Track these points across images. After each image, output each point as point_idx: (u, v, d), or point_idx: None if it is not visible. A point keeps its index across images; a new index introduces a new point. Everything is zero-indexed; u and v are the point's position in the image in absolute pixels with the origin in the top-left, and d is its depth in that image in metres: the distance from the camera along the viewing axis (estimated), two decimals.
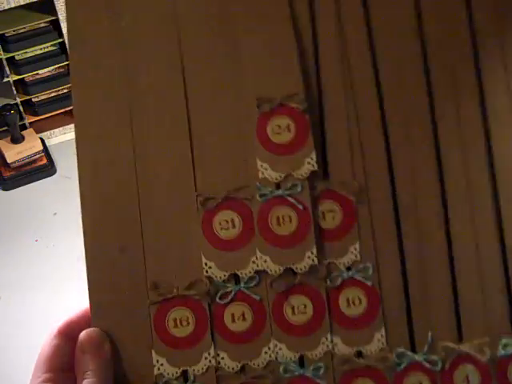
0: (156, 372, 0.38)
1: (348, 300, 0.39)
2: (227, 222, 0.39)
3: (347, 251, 0.39)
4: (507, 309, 0.39)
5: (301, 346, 0.38)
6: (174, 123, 0.39)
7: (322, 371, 0.38)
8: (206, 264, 0.38)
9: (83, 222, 0.39)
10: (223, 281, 0.38)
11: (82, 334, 0.37)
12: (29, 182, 1.68)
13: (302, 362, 0.39)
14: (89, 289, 0.38)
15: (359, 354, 0.39)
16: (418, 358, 0.39)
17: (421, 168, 0.39)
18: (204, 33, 0.40)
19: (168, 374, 0.38)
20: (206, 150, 0.39)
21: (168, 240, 0.38)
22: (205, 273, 0.38)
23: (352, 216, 0.39)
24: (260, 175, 0.38)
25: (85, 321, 0.38)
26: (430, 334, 0.39)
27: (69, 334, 0.37)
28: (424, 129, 0.40)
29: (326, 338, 0.38)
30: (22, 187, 1.67)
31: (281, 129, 0.38)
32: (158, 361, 0.38)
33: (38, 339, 0.38)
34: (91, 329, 0.37)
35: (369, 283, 0.39)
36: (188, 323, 0.38)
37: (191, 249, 0.38)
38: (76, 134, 0.39)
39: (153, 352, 0.38)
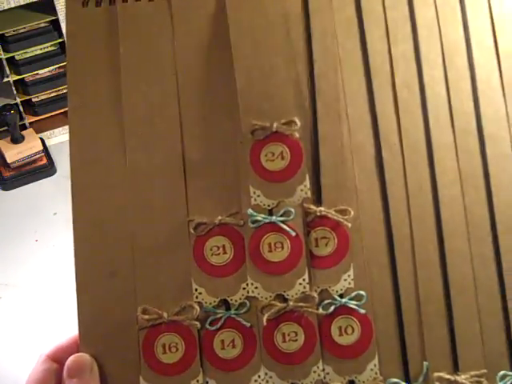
0: None
1: (340, 328, 0.38)
2: (218, 247, 0.38)
3: (340, 278, 0.38)
4: (504, 340, 0.39)
5: (291, 374, 0.38)
6: (167, 149, 0.39)
7: None
8: (196, 290, 0.38)
9: (75, 245, 0.38)
10: (213, 307, 0.38)
11: (70, 359, 0.37)
12: (29, 182, 1.67)
13: None
14: (78, 313, 0.38)
15: None
16: None
17: (415, 195, 0.39)
18: (200, 60, 0.40)
19: None
20: (198, 176, 0.39)
21: (159, 265, 0.38)
22: (195, 298, 0.38)
23: (346, 243, 0.38)
24: (252, 202, 0.38)
25: (74, 347, 0.38)
26: (425, 364, 0.38)
27: (57, 360, 0.37)
28: (419, 156, 0.39)
29: (318, 367, 0.38)
30: (21, 187, 1.66)
31: (274, 156, 0.38)
32: None
33: (38, 339, 0.37)
34: (79, 354, 0.37)
35: (362, 311, 0.38)
36: (177, 349, 0.37)
37: (182, 274, 0.38)
38: (71, 158, 0.39)
39: (140, 379, 0.37)
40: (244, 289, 0.38)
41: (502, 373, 0.38)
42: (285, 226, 0.38)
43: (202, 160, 0.39)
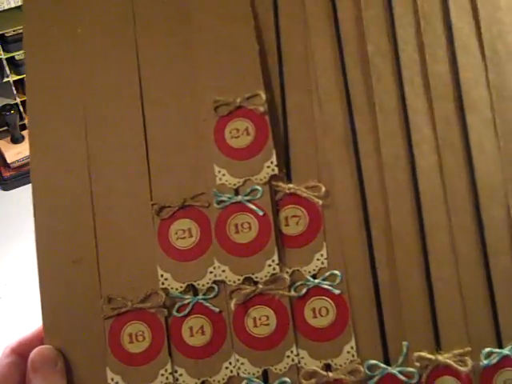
0: None
1: (314, 310, 0.36)
2: (184, 231, 0.37)
3: (313, 258, 0.37)
4: (489, 316, 0.37)
5: (264, 360, 0.36)
6: (129, 131, 0.37)
7: None
8: (161, 275, 0.36)
9: (36, 233, 0.37)
10: (180, 292, 0.36)
11: (34, 352, 0.35)
12: (29, 182, 1.67)
13: (265, 377, 0.36)
14: (41, 303, 0.37)
15: (327, 368, 0.36)
16: (392, 370, 0.36)
17: (391, 167, 0.37)
18: (161, 36, 0.38)
19: None
20: (161, 157, 0.37)
21: (123, 251, 0.37)
22: (161, 285, 0.36)
23: (318, 221, 0.37)
24: (217, 181, 0.36)
25: (38, 339, 0.36)
26: (405, 344, 0.36)
27: (22, 353, 0.36)
28: (394, 125, 0.37)
29: (291, 352, 0.36)
30: (22, 187, 1.67)
31: (239, 132, 0.36)
32: (112, 379, 0.36)
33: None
34: (43, 346, 0.36)
35: (336, 292, 0.36)
36: (144, 338, 0.36)
37: (147, 260, 0.36)
38: (30, 143, 0.38)
39: (107, 369, 0.36)
40: (211, 273, 0.36)
41: (487, 350, 0.36)
42: (252, 206, 0.36)
43: (163, 141, 0.37)
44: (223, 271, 0.36)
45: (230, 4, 0.38)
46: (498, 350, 0.36)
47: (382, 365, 0.36)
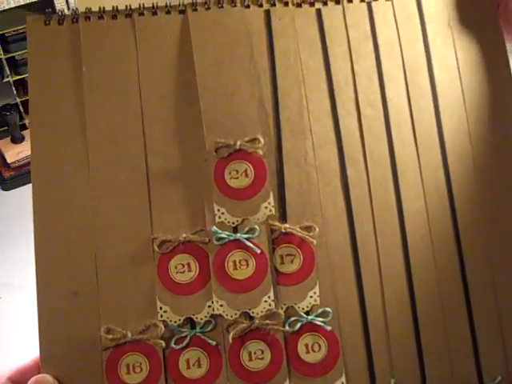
0: None
1: (307, 346, 0.38)
2: (183, 265, 0.38)
3: (306, 295, 0.38)
4: (472, 357, 0.38)
5: None
6: (131, 167, 0.38)
7: None
8: (160, 308, 0.37)
9: (36, 264, 0.38)
10: (178, 325, 0.37)
11: (31, 381, 0.36)
12: (29, 182, 1.66)
13: None
14: (39, 333, 0.37)
15: None
16: None
17: (381, 211, 0.39)
18: (163, 77, 0.39)
19: None
20: (163, 194, 0.38)
21: (123, 284, 0.38)
22: (159, 317, 0.37)
23: (311, 260, 0.38)
24: (217, 219, 0.38)
25: (35, 368, 0.37)
26: (392, 381, 0.38)
27: (19, 382, 0.36)
28: (383, 168, 0.39)
29: None
30: (21, 187, 1.66)
31: (238, 173, 0.38)
32: None
33: (37, 339, 0.37)
34: (41, 375, 0.36)
35: (328, 328, 0.38)
36: (141, 369, 0.37)
37: (146, 293, 0.38)
38: (32, 175, 0.39)
39: None
40: (209, 307, 0.37)
41: None
42: (250, 244, 0.37)
43: (165, 178, 0.38)
44: (221, 306, 0.37)
45: (232, 52, 0.39)
46: None
47: None
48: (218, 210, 0.38)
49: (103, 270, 0.38)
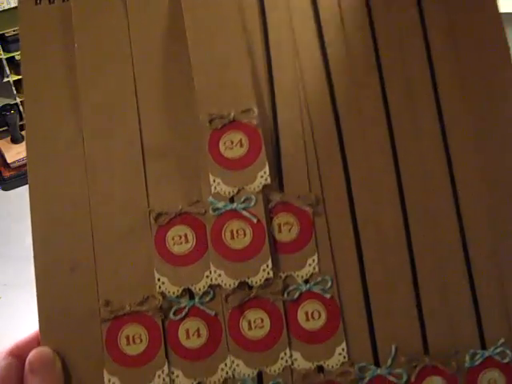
0: None
1: (307, 314, 0.38)
2: (180, 237, 0.38)
3: (305, 264, 0.38)
4: (474, 320, 0.38)
5: (259, 361, 0.37)
6: (126, 141, 0.39)
7: None
8: (158, 279, 0.37)
9: (33, 240, 0.38)
10: (177, 296, 0.37)
11: (32, 353, 0.36)
12: None
13: (260, 378, 0.38)
14: (38, 308, 0.37)
15: (320, 369, 0.38)
16: (382, 371, 0.37)
17: (378, 177, 0.38)
18: (156, 50, 0.39)
19: None
20: (158, 167, 0.38)
21: (120, 256, 0.38)
22: (158, 288, 0.37)
23: (309, 228, 0.38)
24: (213, 190, 0.38)
25: (34, 342, 0.37)
26: (393, 346, 0.38)
27: (19, 355, 0.36)
28: (381, 139, 0.39)
29: (285, 353, 0.37)
30: (21, 187, 1.67)
31: (233, 144, 0.38)
32: (109, 380, 0.37)
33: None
34: (41, 347, 0.37)
35: (328, 296, 0.38)
36: (141, 340, 0.37)
37: (144, 265, 0.38)
38: (27, 151, 0.39)
39: (104, 371, 0.37)
40: (207, 277, 0.37)
41: (471, 351, 0.38)
42: (246, 213, 0.37)
43: (161, 150, 0.38)
44: (219, 275, 0.37)
45: (223, 22, 0.39)
46: (481, 352, 0.38)
47: (372, 366, 0.37)
48: (214, 181, 0.38)
49: (100, 244, 0.38)
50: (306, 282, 0.38)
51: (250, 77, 0.38)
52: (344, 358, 0.37)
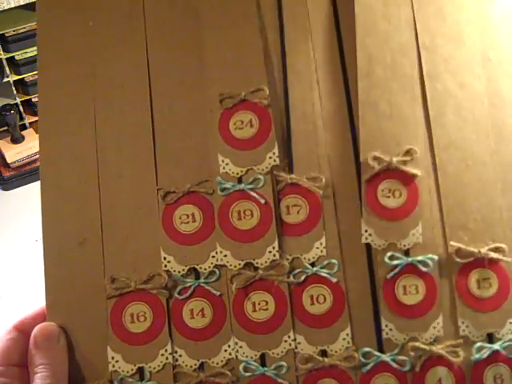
0: (111, 369, 0.37)
1: (312, 297, 0.37)
2: (187, 216, 0.38)
3: (312, 246, 0.38)
4: None
5: (262, 344, 0.37)
6: (137, 119, 0.39)
7: (284, 370, 0.37)
8: (164, 258, 0.37)
9: (42, 216, 0.38)
10: (182, 275, 0.37)
11: (37, 328, 0.36)
12: (29, 182, 1.66)
13: (263, 360, 0.37)
14: (45, 282, 0.37)
15: (323, 354, 0.37)
16: (386, 358, 0.37)
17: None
18: (169, 31, 0.39)
19: (123, 370, 0.37)
20: (168, 145, 0.38)
21: (127, 234, 0.38)
22: (163, 267, 0.37)
23: (318, 211, 0.38)
24: (221, 170, 0.38)
25: (40, 318, 0.37)
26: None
27: (24, 330, 0.37)
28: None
29: (289, 336, 0.37)
30: (21, 187, 1.66)
31: (243, 124, 0.38)
32: (113, 357, 0.37)
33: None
34: (46, 323, 0.37)
35: (334, 280, 0.37)
36: (145, 318, 0.37)
37: (151, 243, 0.37)
38: (39, 129, 0.39)
39: (108, 348, 0.37)
40: (213, 257, 0.37)
41: (478, 344, 0.37)
42: (254, 194, 0.37)
43: (170, 129, 0.38)
44: (225, 256, 0.37)
45: (237, 4, 0.39)
46: (488, 345, 0.37)
47: (377, 352, 0.37)
48: (223, 161, 0.38)
49: (109, 221, 0.38)
50: (313, 265, 0.38)
51: (261, 57, 0.38)
52: (348, 343, 0.37)
